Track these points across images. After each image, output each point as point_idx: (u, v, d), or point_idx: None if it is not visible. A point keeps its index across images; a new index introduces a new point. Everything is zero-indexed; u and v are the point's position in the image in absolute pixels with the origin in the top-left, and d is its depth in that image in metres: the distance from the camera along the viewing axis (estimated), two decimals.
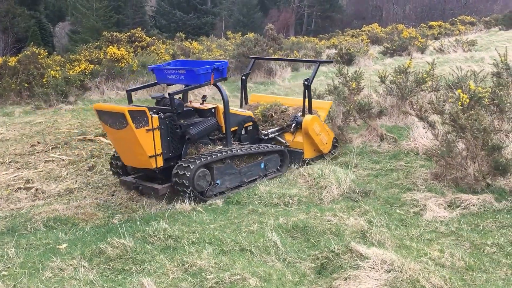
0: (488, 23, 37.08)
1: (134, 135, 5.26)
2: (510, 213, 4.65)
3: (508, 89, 6.55)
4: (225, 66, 6.28)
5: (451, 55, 19.59)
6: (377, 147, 7.42)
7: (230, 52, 19.23)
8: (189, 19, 49.97)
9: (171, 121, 5.74)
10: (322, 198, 5.46)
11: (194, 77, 5.96)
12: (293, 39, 31.22)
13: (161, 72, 6.29)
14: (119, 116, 5.28)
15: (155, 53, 19.15)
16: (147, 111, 5.35)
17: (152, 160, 5.45)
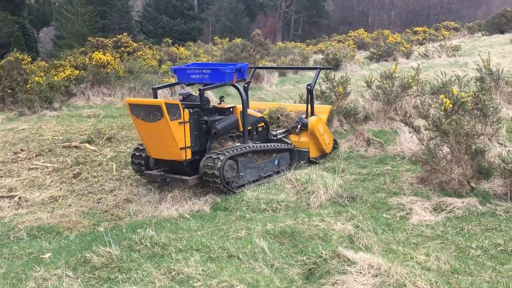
0: (471, 28, 37.46)
1: (168, 127, 5.58)
2: (494, 216, 4.69)
3: (491, 93, 6.61)
4: (245, 67, 6.77)
5: (436, 60, 19.75)
6: (364, 152, 7.46)
7: (218, 57, 19.25)
8: (176, 24, 49.93)
9: (198, 116, 6.11)
10: (310, 203, 5.47)
11: (219, 76, 6.42)
12: (280, 45, 31.33)
13: (183, 72, 6.74)
14: (154, 109, 5.61)
15: (141, 58, 19.10)
16: (180, 104, 5.73)
17: (182, 152, 5.77)
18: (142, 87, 14.54)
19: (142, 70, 16.24)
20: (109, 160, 8.14)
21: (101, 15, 37.87)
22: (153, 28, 49.31)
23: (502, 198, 5.04)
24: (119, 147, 8.96)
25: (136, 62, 17.18)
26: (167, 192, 6.15)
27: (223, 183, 5.80)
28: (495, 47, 23.75)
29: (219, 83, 6.47)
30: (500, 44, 25.40)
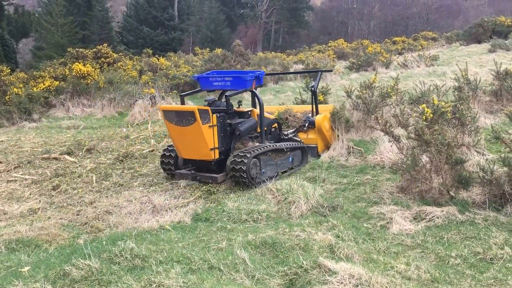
0: (449, 38, 37.92)
1: (200, 130, 6.35)
2: (473, 225, 4.73)
3: (468, 103, 6.70)
4: (262, 74, 7.63)
5: (415, 69, 19.98)
6: (344, 161, 7.49)
7: (198, 68, 19.23)
8: (157, 35, 49.89)
9: (223, 120, 6.84)
10: (291, 213, 5.47)
11: (241, 83, 7.18)
12: (261, 55, 31.42)
13: (206, 80, 7.52)
14: (188, 114, 6.38)
15: (122, 69, 19.03)
16: (210, 110, 6.49)
17: (211, 152, 6.54)
18: (122, 98, 14.48)
19: (122, 81, 16.19)
20: (89, 171, 8.09)
21: (81, 26, 37.70)
22: (133, 39, 49.21)
23: (481, 207, 5.09)
24: (99, 158, 8.91)
25: (116, 73, 17.13)
26: (147, 204, 6.12)
27: (249, 179, 6.48)
28: (473, 57, 24.07)
29: (241, 89, 7.23)
30: (477, 53, 25.75)
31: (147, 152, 9.18)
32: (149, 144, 9.87)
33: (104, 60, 20.18)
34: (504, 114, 6.23)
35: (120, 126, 12.24)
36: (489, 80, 10.54)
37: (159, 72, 20.30)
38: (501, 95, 9.51)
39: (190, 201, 6.25)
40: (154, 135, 10.66)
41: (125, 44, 47.05)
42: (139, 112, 12.95)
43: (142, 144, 9.90)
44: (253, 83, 7.29)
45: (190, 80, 17.44)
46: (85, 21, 39.68)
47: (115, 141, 10.39)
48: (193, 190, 6.77)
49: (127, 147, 9.68)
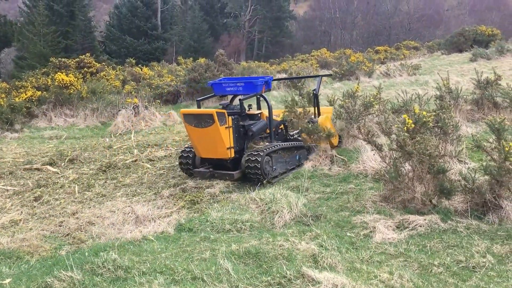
0: (431, 47, 38.31)
1: (218, 131, 6.90)
2: (456, 233, 4.77)
3: (450, 112, 6.77)
4: (270, 80, 8.20)
5: (397, 79, 20.14)
6: (327, 171, 7.51)
7: (181, 77, 19.21)
8: (140, 44, 49.75)
9: (237, 121, 7.44)
10: (274, 223, 5.47)
11: (252, 88, 7.80)
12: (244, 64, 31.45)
13: (219, 86, 8.09)
14: (207, 117, 6.93)
15: (104, 79, 18.94)
16: (226, 112, 7.09)
17: (228, 151, 7.10)
18: (105, 107, 14.41)
19: (105, 90, 16.10)
20: (71, 182, 8.03)
21: (63, 36, 37.43)
22: (116, 48, 49.01)
23: (463, 215, 5.14)
24: (81, 168, 8.85)
25: (99, 83, 17.03)
26: (130, 214, 6.08)
27: (263, 174, 7.05)
28: (454, 66, 24.35)
29: (252, 93, 7.81)
30: (459, 62, 26.05)
31: (130, 162, 9.13)
32: (132, 154, 9.82)
33: (87, 69, 20.03)
34: (485, 123, 6.29)
35: (103, 136, 12.18)
36: (470, 89, 10.66)
37: (142, 82, 20.23)
38: (482, 103, 9.61)
39: (174, 211, 6.22)
40: (137, 145, 10.62)
41: (108, 54, 46.81)
42: (122, 122, 12.89)
43: (125, 154, 9.85)
44: (263, 87, 7.94)
45: (173, 89, 17.42)
46: (67, 31, 39.40)
47: (98, 151, 10.32)
48: (176, 200, 6.76)
49: (110, 157, 9.63)
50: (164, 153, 9.80)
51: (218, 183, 7.29)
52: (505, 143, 4.87)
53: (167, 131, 12.44)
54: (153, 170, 8.61)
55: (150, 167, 8.81)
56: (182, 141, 10.95)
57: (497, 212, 4.98)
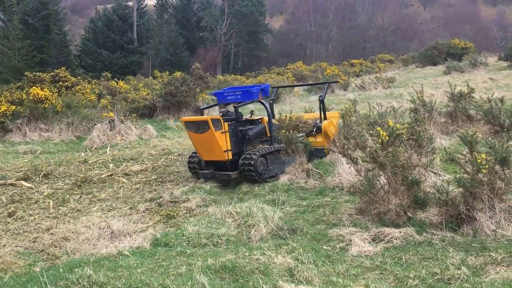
0: (405, 60, 38.82)
1: (214, 136, 7.57)
2: (431, 245, 4.80)
3: (424, 124, 6.86)
4: (267, 87, 8.93)
5: (372, 91, 20.37)
6: (303, 184, 7.53)
7: (157, 91, 19.14)
8: (116, 58, 49.59)
9: (235, 127, 8.13)
10: (251, 236, 5.46)
11: (249, 95, 8.54)
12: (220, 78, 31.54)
13: (221, 95, 8.90)
14: (203, 123, 7.65)
15: (80, 93, 18.78)
16: (221, 119, 7.78)
17: (225, 154, 7.74)
18: (80, 122, 14.27)
19: (80, 104, 15.95)
20: (46, 197, 7.93)
21: (38, 50, 37.16)
22: (92, 62, 48.76)
23: (438, 227, 5.18)
24: (56, 183, 8.75)
25: (75, 97, 16.86)
26: (106, 229, 6.01)
27: (257, 174, 7.66)
28: (429, 79, 24.72)
29: (248, 100, 8.57)
30: (433, 75, 26.45)
31: (105, 176, 9.05)
32: (108, 168, 9.73)
33: (62, 84, 19.85)
34: (457, 135, 6.38)
35: (78, 151, 12.05)
36: (444, 101, 10.82)
37: (118, 96, 20.12)
38: (456, 116, 9.76)
39: (150, 226, 6.17)
40: (113, 160, 10.53)
41: (83, 68, 46.55)
42: (98, 136, 12.78)
43: (100, 169, 9.76)
44: (259, 95, 8.61)
45: (149, 103, 17.35)
46: (42, 45, 39.14)
47: (73, 165, 10.21)
48: (152, 214, 6.70)
49: (86, 172, 9.53)
50: (140, 167, 9.74)
51: (195, 197, 7.26)
52: (477, 155, 4.94)
53: (143, 145, 12.37)
54: (129, 184, 8.55)
55: (126, 181, 8.74)
56: (158, 155, 10.90)
57: (471, 224, 5.03)
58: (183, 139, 12.90)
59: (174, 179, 8.73)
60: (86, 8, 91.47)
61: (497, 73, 23.22)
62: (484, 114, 8.88)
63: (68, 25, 56.15)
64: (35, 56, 35.18)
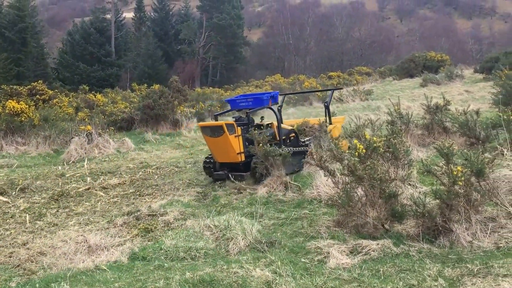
0: (383, 73, 39.23)
1: (228, 139, 8.21)
2: (408, 257, 4.83)
3: (401, 137, 6.92)
4: (277, 94, 9.52)
5: (350, 104, 20.52)
6: (282, 196, 7.53)
7: (136, 104, 19.07)
8: (93, 71, 49.38)
9: (246, 131, 8.68)
10: (229, 250, 5.43)
11: (259, 102, 9.03)
12: (199, 91, 31.54)
13: (234, 102, 9.44)
14: (218, 128, 8.27)
15: (57, 106, 18.62)
16: (235, 123, 8.44)
17: (238, 156, 8.40)
18: (58, 135, 14.12)
19: (58, 118, 15.80)
20: (22, 211, 7.83)
21: (15, 63, 36.83)
22: (69, 75, 48.45)
23: (415, 239, 5.21)
24: (33, 197, 8.64)
25: (52, 110, 16.69)
26: (83, 244, 5.94)
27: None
28: (405, 91, 25.01)
29: (259, 107, 9.08)
30: (410, 88, 26.76)
31: (83, 190, 8.97)
32: (85, 182, 9.65)
33: (39, 97, 19.65)
34: (434, 147, 6.46)
35: (55, 164, 11.93)
36: (421, 114, 10.93)
37: (96, 109, 20.01)
38: (432, 128, 9.86)
39: (127, 240, 6.11)
40: (90, 173, 10.44)
41: (61, 81, 46.22)
42: (76, 150, 12.67)
43: (78, 183, 9.67)
44: (269, 101, 9.11)
45: (127, 116, 17.27)
46: (19, 58, 38.81)
47: (50, 179, 10.10)
48: (130, 228, 6.64)
49: (63, 185, 9.43)
50: (118, 180, 9.67)
51: (173, 210, 7.21)
52: (453, 167, 5.00)
53: (121, 159, 12.29)
54: (107, 198, 8.48)
55: (103, 195, 8.67)
56: (136, 168, 10.84)
57: (447, 235, 5.08)
58: (161, 152, 12.86)
59: (152, 193, 8.68)
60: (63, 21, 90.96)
61: (473, 85, 23.59)
62: (460, 126, 8.99)
63: (46, 38, 55.83)
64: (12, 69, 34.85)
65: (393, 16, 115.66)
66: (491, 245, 4.84)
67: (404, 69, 35.10)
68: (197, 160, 11.41)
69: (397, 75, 35.17)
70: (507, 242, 4.85)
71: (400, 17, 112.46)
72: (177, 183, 9.22)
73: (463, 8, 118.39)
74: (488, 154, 5.82)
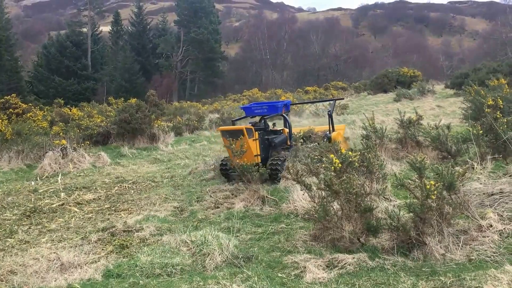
0: (358, 88, 39.69)
1: (247, 142, 8.77)
2: (383, 271, 4.86)
3: (375, 151, 6.98)
4: (289, 103, 10.78)
5: (326, 118, 20.57)
6: (259, 211, 7.53)
7: (112, 118, 18.92)
8: (69, 84, 49.01)
9: (263, 135, 9.55)
10: (205, 265, 5.40)
11: (274, 109, 9.97)
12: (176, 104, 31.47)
13: (249, 109, 10.39)
14: (238, 132, 8.83)
15: (31, 120, 18.38)
16: (253, 128, 9.16)
17: (256, 158, 8.94)
18: (31, 149, 13.91)
19: (31, 132, 15.58)
20: None
21: None
22: (44, 89, 47.99)
23: (390, 252, 5.25)
24: (4, 214, 8.49)
25: (25, 124, 16.46)
26: (55, 261, 5.84)
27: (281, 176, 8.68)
28: (380, 106, 25.31)
29: (274, 113, 10.02)
30: (384, 102, 27.09)
31: (56, 206, 8.83)
32: (59, 197, 9.51)
33: (12, 111, 19.40)
34: (406, 161, 6.53)
35: (28, 180, 11.73)
36: (395, 128, 11.08)
37: (71, 123, 19.79)
38: (406, 142, 10.00)
39: (102, 257, 6.02)
40: (64, 188, 10.30)
41: (35, 94, 45.74)
42: (49, 165, 12.49)
43: (51, 198, 9.52)
44: (282, 109, 10.07)
45: (104, 130, 17.11)
46: None
47: (23, 195, 9.93)
48: (104, 245, 6.54)
49: (35, 201, 9.28)
50: (93, 196, 9.55)
51: (149, 226, 7.13)
52: (426, 181, 5.06)
53: (97, 173, 12.15)
54: (81, 214, 8.36)
55: (77, 210, 8.55)
56: (112, 183, 10.73)
57: (421, 248, 5.13)
58: (138, 167, 12.76)
59: (128, 208, 8.58)
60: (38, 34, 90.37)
61: (444, 100, 24.00)
62: (432, 140, 9.14)
63: (20, 51, 55.27)
64: None
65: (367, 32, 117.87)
66: (463, 258, 4.91)
67: (379, 84, 35.56)
68: (174, 174, 11.35)
69: (372, 90, 35.60)
70: (478, 254, 4.92)
71: (374, 33, 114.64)
72: (153, 198, 9.14)
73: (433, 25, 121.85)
74: (459, 167, 5.90)
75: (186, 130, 19.94)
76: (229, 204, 8.07)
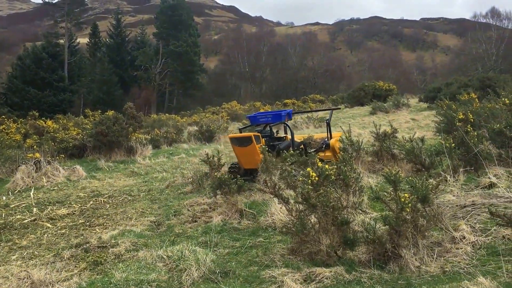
0: (335, 101, 39.99)
1: (255, 148, 9.37)
2: (360, 284, 4.83)
3: (352, 164, 6.98)
4: (291, 112, 11.29)
5: (304, 130, 20.73)
6: (237, 224, 7.47)
7: (88, 130, 18.72)
8: (44, 96, 48.43)
9: (269, 141, 10.23)
10: (182, 281, 5.31)
11: (278, 118, 10.58)
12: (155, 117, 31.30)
13: (254, 118, 10.93)
14: (247, 139, 9.48)
15: (4, 132, 18.10)
16: (260, 135, 9.88)
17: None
18: (3, 163, 13.66)
19: (4, 145, 15.32)
20: None
21: None
22: (19, 100, 47.32)
23: (366, 265, 5.24)
24: None
25: None
26: (26, 280, 5.69)
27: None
28: (357, 118, 25.48)
29: (278, 122, 10.68)
30: (360, 115, 27.28)
31: (28, 221, 8.65)
32: (31, 213, 9.32)
33: None
34: (382, 174, 6.54)
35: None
36: (371, 141, 11.16)
37: (46, 135, 19.52)
38: (381, 155, 10.05)
39: (74, 274, 5.89)
40: (37, 203, 10.10)
41: (9, 106, 45.05)
42: (22, 179, 12.25)
43: (23, 213, 9.32)
44: (286, 118, 10.63)
45: (79, 143, 16.92)
46: None
47: None
48: (78, 261, 6.39)
49: (6, 217, 9.07)
50: (67, 210, 9.38)
51: (124, 241, 7.00)
52: (401, 194, 5.07)
53: (71, 187, 11.97)
54: (54, 229, 8.18)
55: (50, 226, 8.37)
56: (87, 197, 10.57)
57: (397, 261, 5.13)
58: (114, 180, 12.60)
59: (103, 223, 8.44)
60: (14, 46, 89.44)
61: (418, 113, 24.26)
62: (407, 153, 9.21)
63: None
64: None
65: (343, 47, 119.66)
66: (438, 270, 4.92)
67: (355, 97, 35.89)
68: (151, 188, 11.23)
69: (349, 103, 35.89)
70: (452, 266, 4.94)
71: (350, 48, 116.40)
72: (130, 212, 9.01)
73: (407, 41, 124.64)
74: (433, 180, 5.94)
75: (165, 142, 19.82)
76: (207, 218, 7.98)
